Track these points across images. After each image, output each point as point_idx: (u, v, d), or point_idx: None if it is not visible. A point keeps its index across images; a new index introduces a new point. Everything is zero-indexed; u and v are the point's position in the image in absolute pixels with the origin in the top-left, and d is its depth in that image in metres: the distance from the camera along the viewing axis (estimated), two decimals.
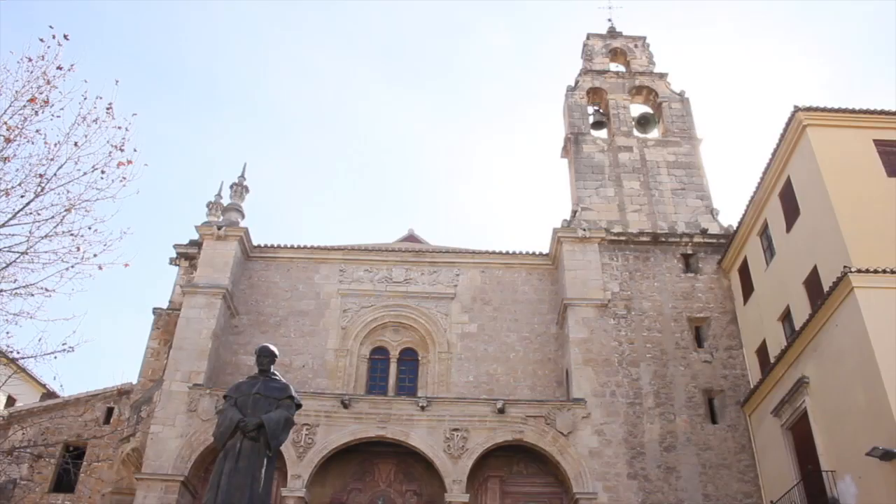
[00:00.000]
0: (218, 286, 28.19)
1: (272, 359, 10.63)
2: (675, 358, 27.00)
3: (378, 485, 26.21)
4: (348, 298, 29.73)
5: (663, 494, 24.43)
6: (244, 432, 9.62)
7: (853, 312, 19.28)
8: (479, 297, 29.72)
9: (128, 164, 14.31)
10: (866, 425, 18.56)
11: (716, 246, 29.40)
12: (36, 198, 13.73)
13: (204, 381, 26.14)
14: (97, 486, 26.95)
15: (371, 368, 28.93)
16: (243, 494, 9.23)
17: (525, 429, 25.24)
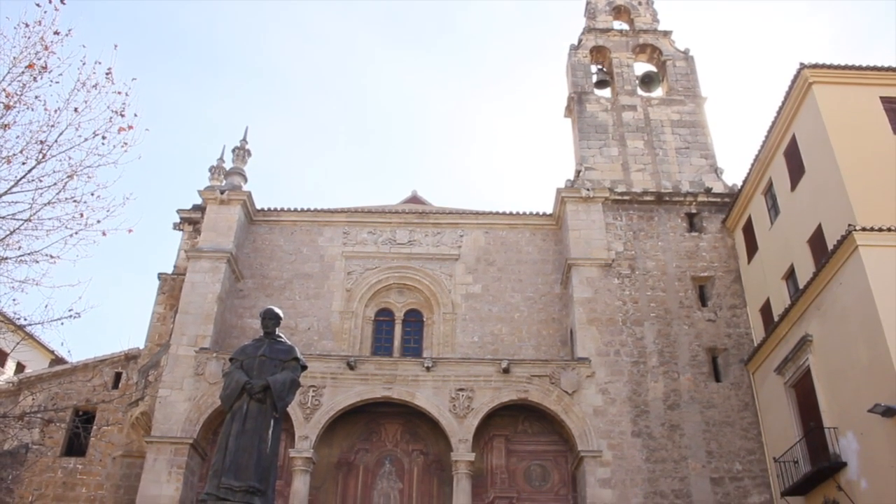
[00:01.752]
0: (222, 250, 28.25)
1: (277, 321, 10.66)
2: (678, 317, 27.08)
3: (385, 445, 26.51)
4: (352, 261, 29.78)
5: (667, 452, 24.67)
6: (250, 394, 9.69)
7: (857, 270, 19.29)
8: (483, 258, 29.75)
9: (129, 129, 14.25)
10: (869, 383, 18.68)
11: (720, 205, 29.31)
12: (37, 165, 13.70)
13: (210, 345, 26.33)
14: (108, 449, 27.30)
15: (376, 330, 29.08)
16: (251, 455, 9.32)
17: (530, 388, 25.43)
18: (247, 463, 9.28)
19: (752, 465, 24.49)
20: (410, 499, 25.60)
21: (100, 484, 27.00)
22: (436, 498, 25.55)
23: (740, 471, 24.43)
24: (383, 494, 25.71)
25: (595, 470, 24.24)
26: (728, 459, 24.61)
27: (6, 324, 15.95)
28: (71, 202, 13.97)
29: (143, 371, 27.09)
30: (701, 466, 24.47)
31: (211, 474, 9.53)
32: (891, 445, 17.77)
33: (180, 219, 31.78)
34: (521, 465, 25.97)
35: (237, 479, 9.17)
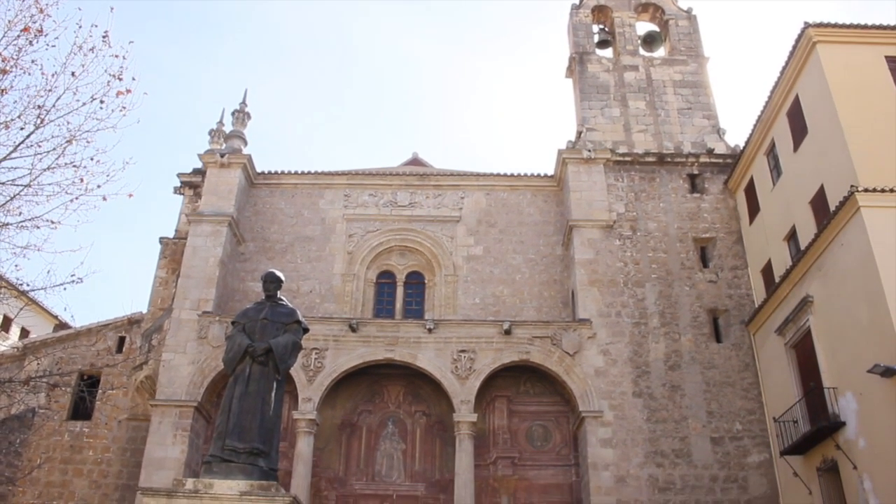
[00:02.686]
0: (223, 214, 28.22)
1: (278, 284, 10.67)
2: (680, 278, 27.11)
3: (387, 406, 26.75)
4: (353, 223, 29.75)
5: (668, 412, 24.86)
6: (253, 357, 9.74)
7: (859, 231, 19.26)
8: (484, 220, 29.71)
9: (127, 93, 14.12)
10: (869, 343, 18.76)
11: (722, 166, 29.17)
12: (36, 130, 13.61)
13: (212, 309, 26.43)
14: (113, 413, 27.55)
15: (378, 292, 29.14)
16: (254, 417, 9.40)
17: (531, 349, 25.56)
18: (250, 425, 9.36)
19: (752, 424, 24.69)
20: (413, 459, 25.90)
21: (106, 447, 27.30)
22: (438, 458, 25.84)
23: (740, 430, 24.65)
24: (386, 455, 26.01)
25: (596, 430, 24.46)
26: (728, 419, 24.82)
27: (9, 289, 15.99)
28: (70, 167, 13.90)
29: (147, 335, 27.23)
30: (701, 426, 24.68)
31: (215, 436, 9.61)
32: (889, 405, 17.89)
33: (181, 183, 31.71)
34: (522, 425, 26.21)
35: (241, 441, 9.25)
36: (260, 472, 9.17)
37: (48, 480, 26.50)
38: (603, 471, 23.86)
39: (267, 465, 9.38)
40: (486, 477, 25.19)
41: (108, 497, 26.57)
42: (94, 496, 26.59)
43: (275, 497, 8.67)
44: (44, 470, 25.95)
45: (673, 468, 24.06)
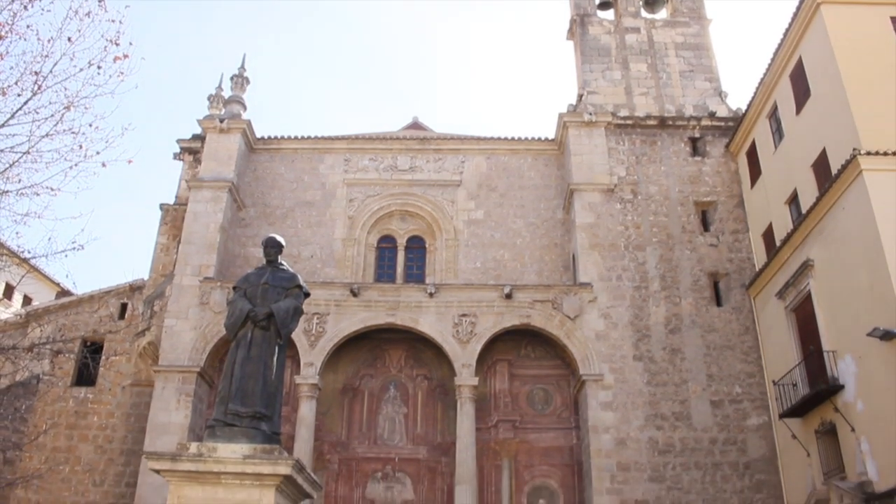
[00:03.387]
0: (223, 179, 28.15)
1: (279, 249, 10.65)
2: (681, 242, 27.10)
3: (389, 370, 26.91)
4: (354, 188, 29.68)
5: (668, 375, 25.01)
6: (254, 322, 9.76)
7: (861, 195, 19.22)
8: (485, 184, 29.63)
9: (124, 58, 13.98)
10: (869, 307, 18.81)
11: (724, 129, 29.00)
12: (33, 96, 13.51)
13: (214, 275, 26.49)
14: (117, 379, 27.74)
15: (379, 257, 29.16)
16: (256, 382, 9.45)
17: (532, 313, 25.65)
18: (253, 389, 9.41)
19: (752, 387, 24.85)
20: (415, 423, 26.12)
21: (111, 413, 27.54)
22: (440, 422, 26.05)
23: (740, 393, 24.81)
24: (388, 419, 26.22)
25: (597, 393, 24.63)
26: (728, 382, 24.97)
27: (10, 257, 15.99)
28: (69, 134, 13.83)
29: (149, 301, 27.31)
30: (701, 389, 24.84)
31: (218, 401, 9.67)
32: (888, 368, 18.00)
33: (180, 149, 31.58)
34: (523, 389, 26.38)
35: (244, 405, 9.31)
36: (263, 435, 9.24)
37: (54, 446, 26.78)
38: (603, 433, 24.07)
39: (270, 429, 9.45)
40: (488, 440, 25.42)
41: (113, 462, 26.86)
42: (100, 461, 26.89)
43: (278, 460, 8.75)
44: (50, 435, 26.19)
45: (673, 431, 24.27)
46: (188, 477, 8.73)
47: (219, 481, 8.68)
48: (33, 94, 13.49)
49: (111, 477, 26.68)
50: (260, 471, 8.66)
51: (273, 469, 8.68)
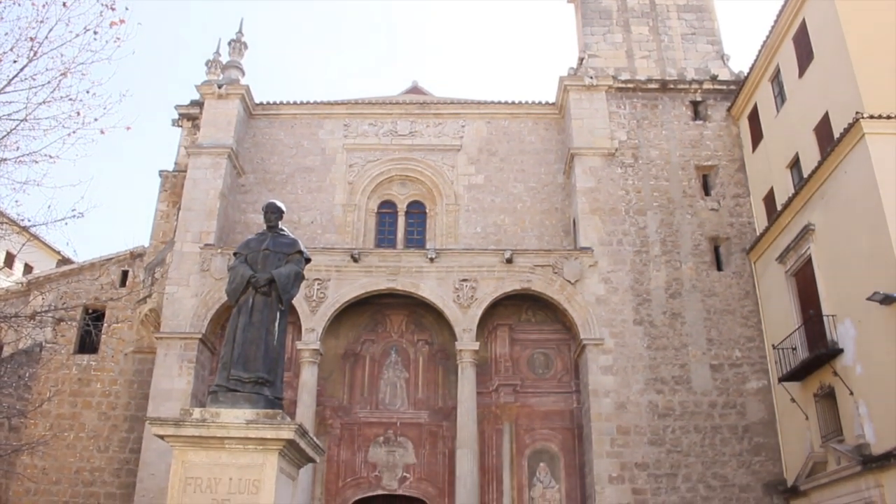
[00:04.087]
0: (222, 146, 28.03)
1: (279, 215, 10.63)
2: (681, 206, 27.04)
3: (390, 336, 27.01)
4: (354, 153, 29.56)
5: (668, 339, 25.10)
6: (256, 288, 9.77)
7: (863, 159, 19.14)
8: (485, 149, 29.51)
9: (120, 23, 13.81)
10: (869, 271, 18.82)
11: (726, 93, 28.78)
12: (29, 63, 13.39)
13: (214, 241, 26.48)
14: (119, 346, 27.86)
15: (379, 222, 29.14)
16: (259, 347, 9.49)
17: (533, 278, 25.68)
18: (255, 355, 9.45)
19: (752, 352, 24.95)
20: (416, 387, 26.27)
21: (114, 379, 27.71)
22: (441, 386, 26.21)
23: (739, 358, 24.92)
24: (390, 384, 26.37)
25: (597, 357, 24.75)
26: (728, 347, 25.07)
27: (10, 225, 15.98)
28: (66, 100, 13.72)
29: (150, 268, 27.33)
30: (701, 353, 24.94)
31: (220, 367, 9.71)
32: (887, 332, 18.05)
33: (179, 115, 31.42)
34: (524, 353, 26.51)
35: (246, 371, 9.35)
36: (265, 400, 9.29)
37: (58, 413, 26.99)
38: (603, 397, 24.22)
39: (272, 394, 9.49)
40: (489, 404, 25.59)
41: (117, 428, 27.09)
42: (104, 427, 27.12)
43: (281, 425, 8.80)
44: (53, 403, 26.38)
45: (672, 394, 24.41)
46: (192, 442, 8.80)
47: (222, 446, 8.75)
48: (29, 60, 13.37)
49: (115, 443, 26.92)
50: (263, 435, 8.72)
51: (276, 434, 8.74)
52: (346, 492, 25.12)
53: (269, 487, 8.54)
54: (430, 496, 25.03)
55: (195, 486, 8.59)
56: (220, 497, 8.53)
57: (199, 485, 8.59)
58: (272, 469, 8.66)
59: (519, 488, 24.87)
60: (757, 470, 23.64)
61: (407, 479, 25.27)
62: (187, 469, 8.68)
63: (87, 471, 26.61)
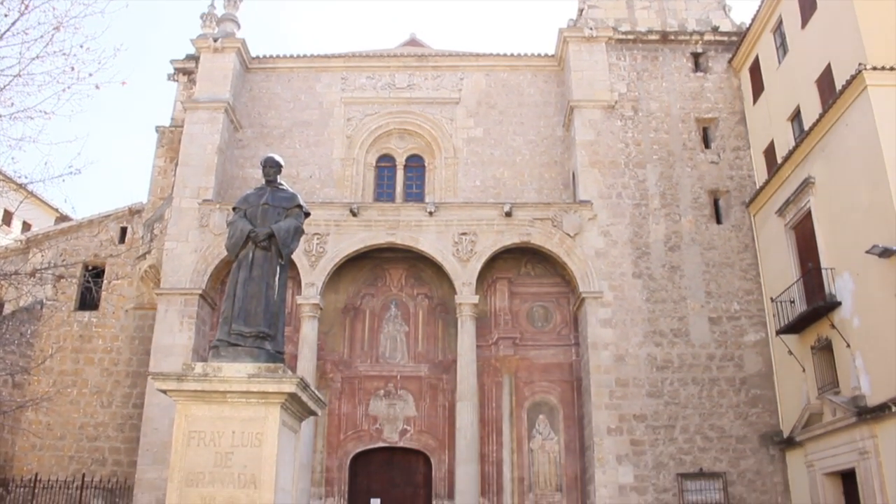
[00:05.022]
0: (219, 100, 27.80)
1: (278, 169, 10.57)
2: (681, 159, 26.92)
3: (390, 290, 27.09)
4: (352, 107, 29.34)
5: (667, 292, 25.18)
6: (255, 242, 9.75)
7: (864, 111, 19.01)
8: (484, 101, 29.28)
9: None
10: (868, 224, 18.81)
11: (727, 44, 28.44)
12: (21, 17, 13.23)
13: (213, 197, 26.41)
14: (119, 302, 27.96)
15: (378, 176, 29.04)
16: (259, 302, 9.50)
17: (532, 231, 25.67)
18: (255, 309, 9.47)
19: (750, 304, 25.05)
20: (416, 341, 26.43)
21: (115, 336, 27.86)
22: (441, 340, 26.36)
23: (738, 310, 25.03)
24: (390, 337, 26.52)
25: (596, 310, 24.85)
26: (726, 299, 25.16)
27: (7, 182, 15.94)
28: (60, 55, 13.58)
29: (148, 225, 27.30)
30: (700, 306, 25.04)
31: (221, 321, 9.74)
32: (885, 284, 18.12)
33: (174, 69, 31.08)
34: (523, 306, 26.62)
35: (247, 325, 9.38)
36: (267, 354, 9.33)
37: (61, 369, 27.20)
38: (602, 350, 24.38)
39: (273, 348, 9.54)
40: (488, 357, 25.77)
41: (120, 384, 27.33)
42: (107, 383, 27.35)
43: (282, 379, 8.86)
44: (56, 359, 26.55)
45: (671, 347, 24.57)
46: (194, 396, 8.86)
47: (224, 400, 8.82)
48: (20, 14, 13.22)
49: (118, 399, 27.18)
50: (265, 389, 8.78)
51: (278, 387, 8.80)
52: (347, 444, 25.43)
53: (271, 440, 8.63)
54: (431, 448, 25.34)
55: (199, 439, 8.68)
56: (224, 450, 8.62)
57: (202, 438, 8.68)
58: (274, 422, 8.73)
59: (518, 440, 25.16)
60: (753, 421, 23.90)
61: (407, 432, 25.55)
62: (190, 423, 8.76)
63: (92, 426, 26.90)
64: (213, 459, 8.55)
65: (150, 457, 23.66)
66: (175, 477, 8.55)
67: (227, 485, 8.44)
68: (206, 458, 8.56)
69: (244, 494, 8.38)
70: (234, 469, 8.50)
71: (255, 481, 8.43)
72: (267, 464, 8.51)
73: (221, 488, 8.43)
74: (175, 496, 8.47)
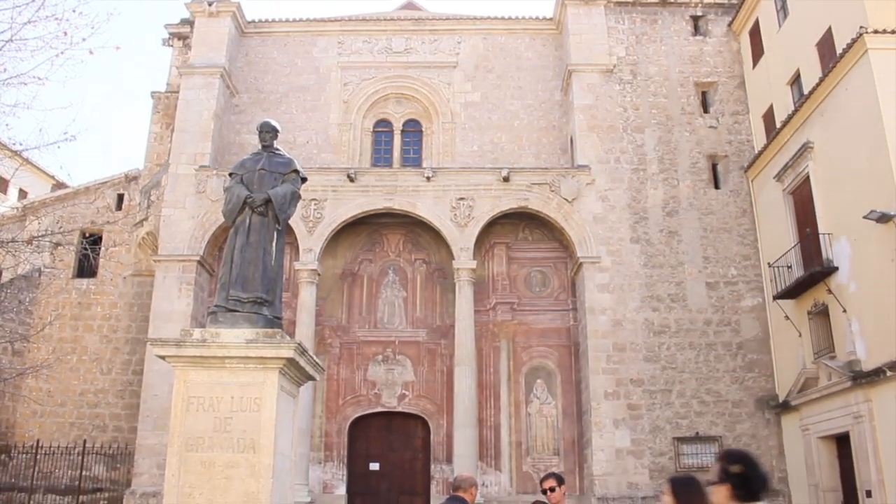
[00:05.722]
0: (214, 65, 27.56)
1: (274, 134, 10.47)
2: (680, 123, 26.79)
3: (388, 255, 27.10)
4: (348, 71, 29.12)
5: (664, 257, 25.20)
6: (252, 208, 9.69)
7: (865, 75, 18.88)
8: (481, 65, 29.06)
9: None
10: (867, 189, 18.78)
11: (727, 7, 28.15)
12: None
13: (209, 163, 26.30)
14: (117, 269, 27.96)
15: (375, 141, 28.91)
16: (257, 267, 9.47)
17: (530, 196, 25.62)
18: (253, 275, 9.44)
19: (747, 270, 25.08)
20: (414, 306, 26.49)
21: (114, 303, 27.92)
22: (439, 305, 26.42)
23: (735, 275, 25.07)
24: (388, 303, 26.58)
25: (594, 275, 24.88)
26: (724, 265, 25.19)
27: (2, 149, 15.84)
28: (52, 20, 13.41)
29: (145, 191, 27.21)
30: (697, 271, 25.08)
31: (219, 287, 9.71)
32: (882, 250, 18.13)
33: (169, 34, 30.78)
34: (521, 271, 26.65)
35: (244, 291, 9.35)
36: (265, 320, 9.32)
37: (60, 336, 27.28)
38: (600, 315, 24.45)
39: (271, 313, 9.52)
40: (486, 322, 25.85)
41: (119, 350, 27.44)
42: (106, 350, 27.47)
43: (280, 344, 8.86)
44: (55, 327, 26.60)
45: (668, 312, 24.65)
46: (193, 362, 8.88)
47: (223, 365, 8.83)
48: None
49: (118, 365, 27.31)
50: (263, 354, 8.79)
51: (276, 352, 8.82)
52: (346, 409, 25.60)
53: (270, 405, 8.66)
54: (429, 413, 25.52)
55: (198, 404, 8.71)
56: (223, 415, 8.65)
57: (201, 403, 8.71)
58: (273, 387, 8.75)
59: (516, 404, 25.34)
60: (750, 386, 24.06)
61: (406, 397, 25.72)
62: (189, 388, 8.78)
63: (92, 393, 27.06)
64: (212, 424, 8.58)
65: (151, 423, 23.82)
66: (175, 442, 8.59)
67: (227, 449, 8.48)
68: (206, 423, 8.59)
69: (243, 458, 8.43)
70: (233, 434, 8.54)
71: (255, 446, 8.48)
72: (266, 428, 8.54)
73: (221, 453, 8.48)
74: (175, 461, 8.51)
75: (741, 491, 4.21)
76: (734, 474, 4.24)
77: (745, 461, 4.31)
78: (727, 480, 4.25)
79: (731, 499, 4.22)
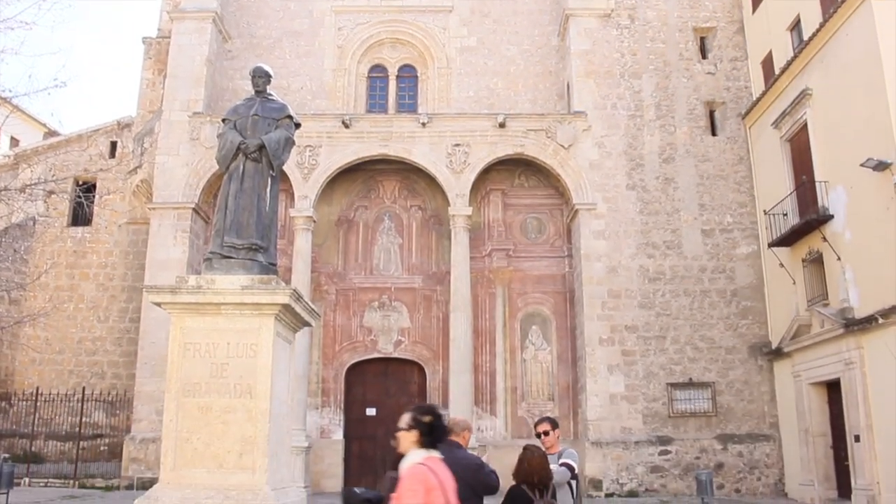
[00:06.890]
0: (206, 9, 27.10)
1: (267, 79, 10.34)
2: (678, 69, 26.52)
3: (383, 201, 27.04)
4: (342, 16, 28.68)
5: (660, 204, 25.17)
6: (246, 154, 9.61)
7: (866, 22, 18.62)
8: (477, 10, 28.63)
9: None
10: (864, 137, 18.66)
11: None
12: None
13: (203, 109, 26.03)
14: (112, 217, 27.88)
15: (370, 87, 28.60)
16: (251, 214, 9.43)
17: (526, 142, 25.48)
18: (247, 221, 9.40)
19: (743, 217, 25.08)
20: (410, 253, 26.52)
21: (109, 251, 27.90)
22: (434, 251, 26.46)
23: (731, 223, 25.07)
24: (384, 249, 26.60)
25: (590, 222, 24.89)
26: (720, 212, 25.18)
27: None
28: None
29: (139, 139, 26.98)
30: (693, 218, 25.07)
31: (214, 234, 9.67)
32: (878, 198, 18.11)
33: None
34: (517, 218, 26.65)
35: (239, 237, 9.33)
36: (260, 266, 9.31)
37: (56, 285, 27.32)
38: (595, 261, 24.52)
39: (266, 259, 9.50)
40: (482, 269, 25.91)
41: (115, 298, 27.52)
42: (103, 298, 27.55)
43: (275, 290, 8.86)
44: (51, 275, 26.64)
45: (663, 259, 24.71)
46: (189, 309, 8.89)
47: (219, 312, 8.85)
48: None
49: (115, 313, 27.41)
50: (258, 300, 8.81)
51: (271, 298, 8.83)
52: (342, 355, 25.79)
53: (266, 350, 8.70)
54: (425, 359, 25.73)
55: (194, 351, 8.75)
56: (220, 361, 8.70)
57: (197, 350, 8.75)
58: (269, 333, 8.79)
59: (512, 350, 25.55)
60: (743, 332, 24.25)
61: (402, 343, 25.90)
62: (185, 335, 8.81)
63: (90, 340, 27.21)
64: (208, 370, 8.64)
65: (148, 369, 23.97)
66: (172, 388, 8.66)
67: (224, 395, 8.55)
68: (202, 369, 8.64)
69: (240, 403, 8.50)
70: (229, 379, 8.60)
71: (251, 391, 8.54)
72: (262, 374, 8.60)
73: (218, 398, 8.54)
74: (173, 406, 8.59)
75: (427, 438, 4.90)
76: (424, 423, 4.92)
77: (433, 413, 5.01)
78: (416, 427, 4.90)
79: (417, 444, 4.88)
